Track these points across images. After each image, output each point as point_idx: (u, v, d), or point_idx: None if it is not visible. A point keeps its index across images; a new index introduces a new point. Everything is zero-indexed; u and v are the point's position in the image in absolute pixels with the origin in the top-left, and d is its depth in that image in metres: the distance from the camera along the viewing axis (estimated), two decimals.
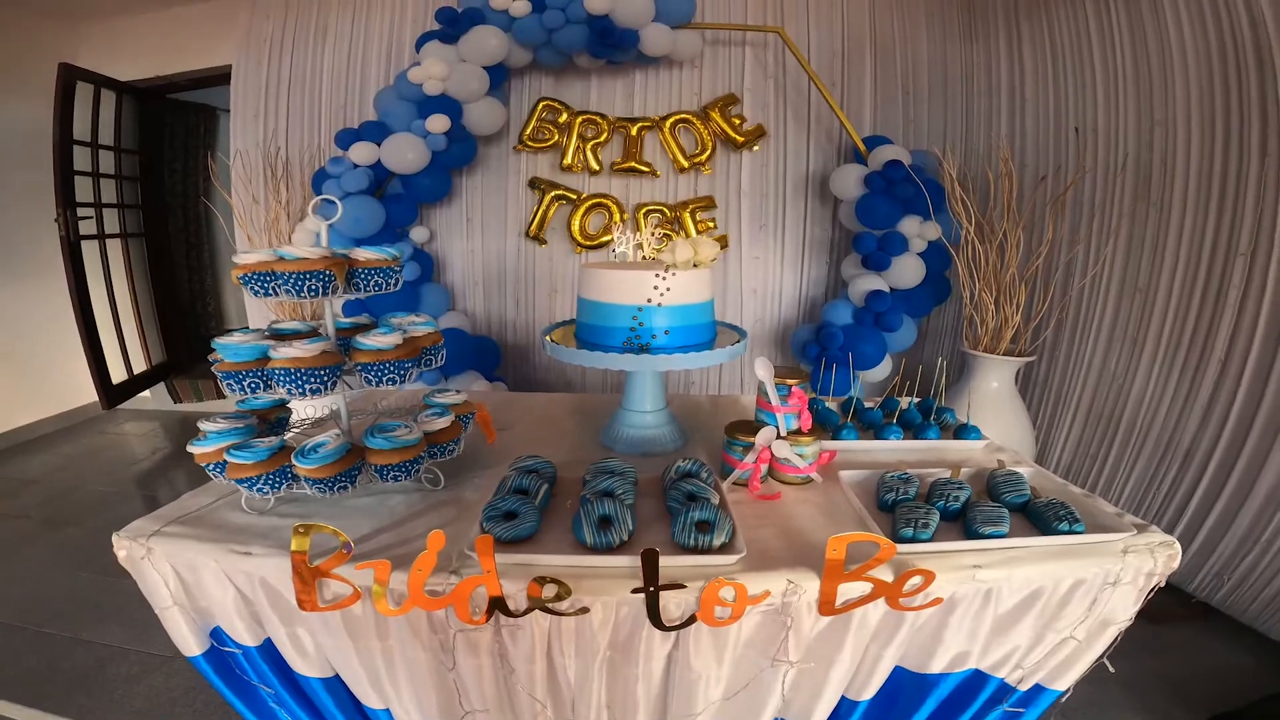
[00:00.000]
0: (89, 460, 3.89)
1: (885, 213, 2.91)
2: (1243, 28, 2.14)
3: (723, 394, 3.34)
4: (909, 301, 3.03)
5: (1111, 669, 1.08)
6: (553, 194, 3.52)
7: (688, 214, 3.48)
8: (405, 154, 2.99)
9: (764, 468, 1.29)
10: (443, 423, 1.26)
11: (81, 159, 4.07)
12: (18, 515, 3.19)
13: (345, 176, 3.00)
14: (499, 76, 3.14)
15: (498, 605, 0.93)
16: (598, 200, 3.51)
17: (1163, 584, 1.04)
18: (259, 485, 1.11)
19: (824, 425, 1.57)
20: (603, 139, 3.46)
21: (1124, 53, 2.59)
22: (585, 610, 0.95)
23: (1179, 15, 2.35)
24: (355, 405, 1.72)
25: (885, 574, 0.95)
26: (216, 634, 1.13)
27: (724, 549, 1.02)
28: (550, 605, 0.93)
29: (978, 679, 1.10)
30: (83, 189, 4.11)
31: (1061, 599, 1.03)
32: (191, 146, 5.14)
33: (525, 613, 0.94)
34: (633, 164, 3.46)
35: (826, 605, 0.95)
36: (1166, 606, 2.29)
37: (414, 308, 3.27)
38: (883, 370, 3.14)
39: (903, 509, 1.10)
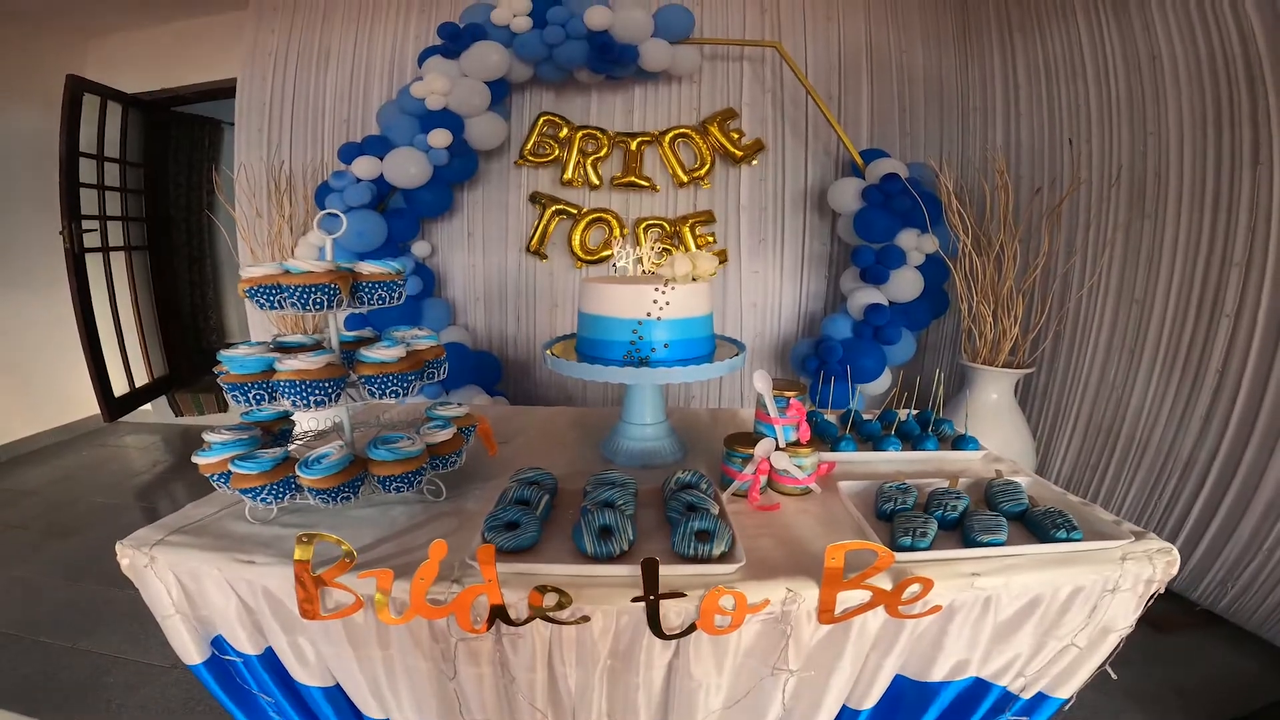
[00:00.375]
0: (89, 472, 3.90)
1: (883, 226, 2.93)
2: (1232, 41, 2.18)
3: (723, 407, 3.35)
4: (908, 315, 3.04)
5: (1114, 676, 1.08)
6: (553, 209, 3.55)
7: (687, 228, 3.51)
8: (407, 168, 3.02)
9: (763, 479, 1.30)
10: (445, 435, 1.27)
11: (87, 171, 4.10)
12: (17, 526, 3.19)
13: (348, 190, 3.03)
14: (500, 91, 3.18)
15: (499, 614, 0.94)
16: (598, 215, 3.54)
17: (1163, 591, 1.05)
18: (263, 495, 1.13)
19: (823, 437, 1.59)
20: (603, 154, 3.50)
21: (1116, 65, 2.62)
22: (586, 619, 0.95)
23: (1169, 28, 2.38)
24: (358, 418, 1.73)
25: (884, 582, 0.96)
26: (217, 642, 1.13)
27: (724, 558, 1.03)
28: (551, 614, 0.94)
29: (979, 687, 1.10)
30: (87, 201, 4.14)
31: (1061, 606, 1.03)
32: (196, 160, 5.18)
33: (526, 621, 0.95)
34: (632, 178, 3.49)
35: (826, 613, 0.96)
36: (1170, 614, 2.31)
37: (415, 322, 3.29)
38: (882, 383, 3.14)
39: (901, 518, 1.10)
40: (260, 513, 1.18)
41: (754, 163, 3.47)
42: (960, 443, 1.54)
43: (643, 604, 0.93)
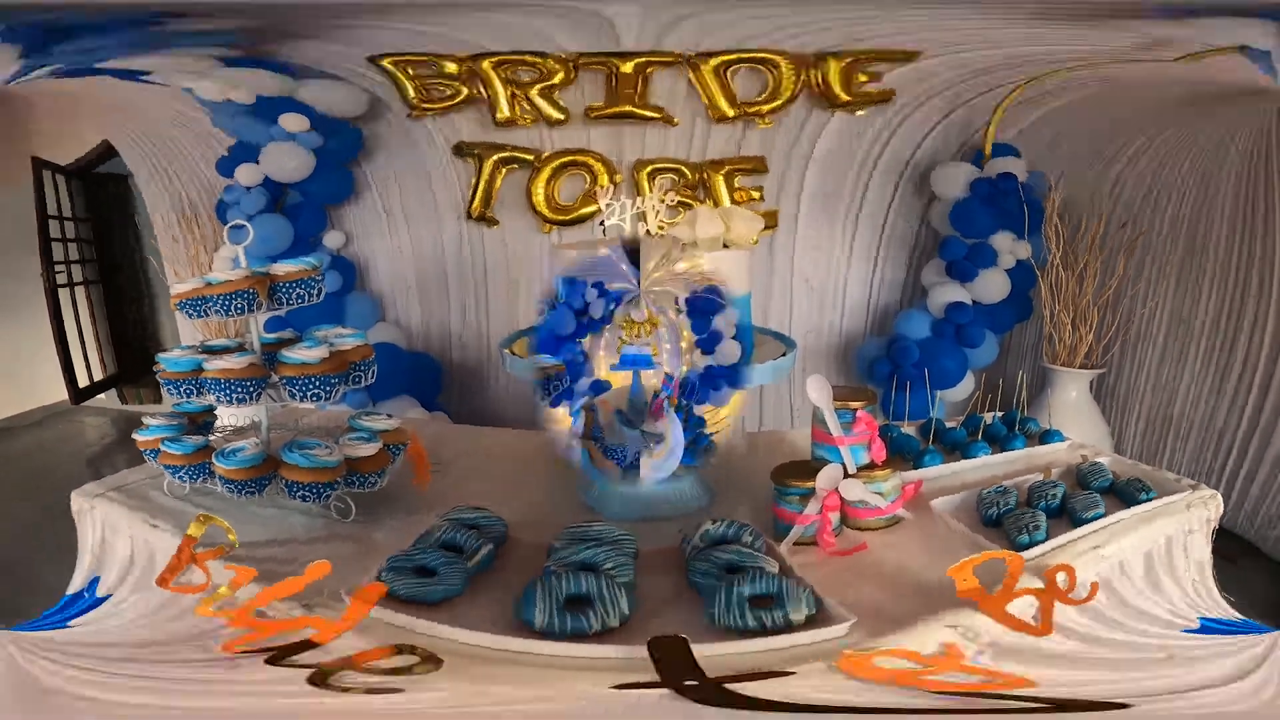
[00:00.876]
0: (59, 444, 5.00)
1: (982, 222, 3.06)
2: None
3: (763, 429, 3.04)
4: (991, 316, 3.18)
5: (1231, 599, 1.31)
6: (494, 159, 3.12)
7: (720, 177, 3.08)
8: (284, 163, 3.09)
9: (834, 516, 1.21)
10: (368, 450, 1.40)
11: (56, 227, 5.31)
12: None
13: (243, 201, 3.16)
14: None
15: (300, 649, 0.84)
16: (570, 159, 3.10)
17: (1218, 526, 1.35)
18: (181, 473, 1.43)
19: (902, 454, 1.58)
20: (557, 80, 2.91)
21: None
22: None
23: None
24: (276, 419, 1.81)
25: (1033, 582, 1.04)
26: (93, 583, 1.37)
27: (813, 622, 0.91)
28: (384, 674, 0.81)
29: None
30: (59, 249, 5.40)
31: (1165, 552, 1.27)
32: (119, 207, 6.22)
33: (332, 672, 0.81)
34: (630, 108, 2.97)
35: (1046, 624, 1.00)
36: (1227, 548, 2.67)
37: (338, 321, 3.17)
38: (963, 389, 3.14)
39: (1010, 519, 1.25)
40: (176, 488, 1.48)
41: (860, 113, 3.03)
42: (1046, 438, 1.74)
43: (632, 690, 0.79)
